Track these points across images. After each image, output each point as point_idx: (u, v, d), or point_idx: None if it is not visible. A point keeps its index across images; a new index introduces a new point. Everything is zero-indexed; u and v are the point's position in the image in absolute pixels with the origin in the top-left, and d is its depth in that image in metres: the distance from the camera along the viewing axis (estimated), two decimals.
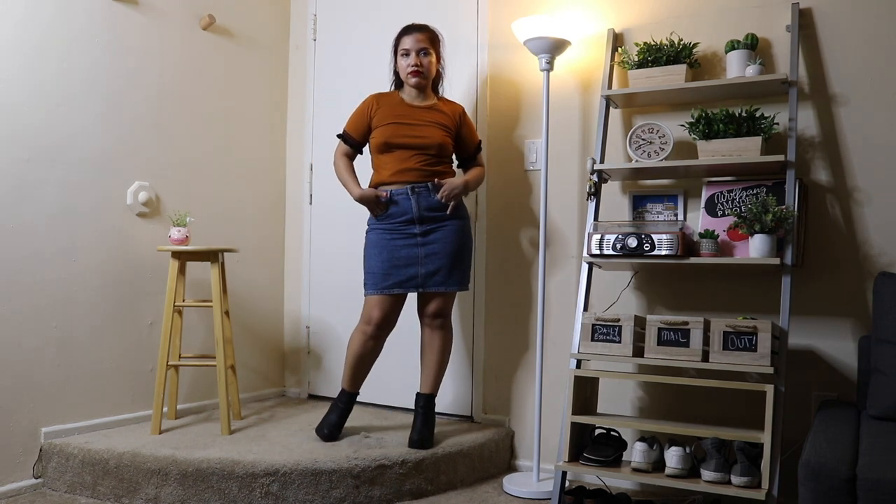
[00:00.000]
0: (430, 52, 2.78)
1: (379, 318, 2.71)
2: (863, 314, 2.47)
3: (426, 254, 2.70)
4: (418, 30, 2.79)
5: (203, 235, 3.26)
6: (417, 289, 2.71)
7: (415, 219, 2.70)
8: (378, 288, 2.70)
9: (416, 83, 2.76)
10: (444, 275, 2.72)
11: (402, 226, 2.71)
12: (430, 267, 2.70)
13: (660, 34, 2.80)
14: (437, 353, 2.79)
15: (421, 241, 2.70)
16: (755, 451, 2.21)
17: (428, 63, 2.77)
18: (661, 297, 2.79)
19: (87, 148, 2.84)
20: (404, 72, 2.77)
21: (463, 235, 2.76)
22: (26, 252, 2.64)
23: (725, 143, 2.45)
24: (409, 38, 2.77)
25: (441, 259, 2.71)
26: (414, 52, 2.75)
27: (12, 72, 2.60)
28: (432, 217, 2.71)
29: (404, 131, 2.72)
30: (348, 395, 2.80)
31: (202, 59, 3.30)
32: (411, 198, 2.69)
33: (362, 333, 2.74)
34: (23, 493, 2.58)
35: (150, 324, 3.06)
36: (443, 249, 2.71)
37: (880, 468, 1.64)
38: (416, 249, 2.70)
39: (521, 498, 2.66)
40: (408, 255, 2.70)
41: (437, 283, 2.71)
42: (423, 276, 2.70)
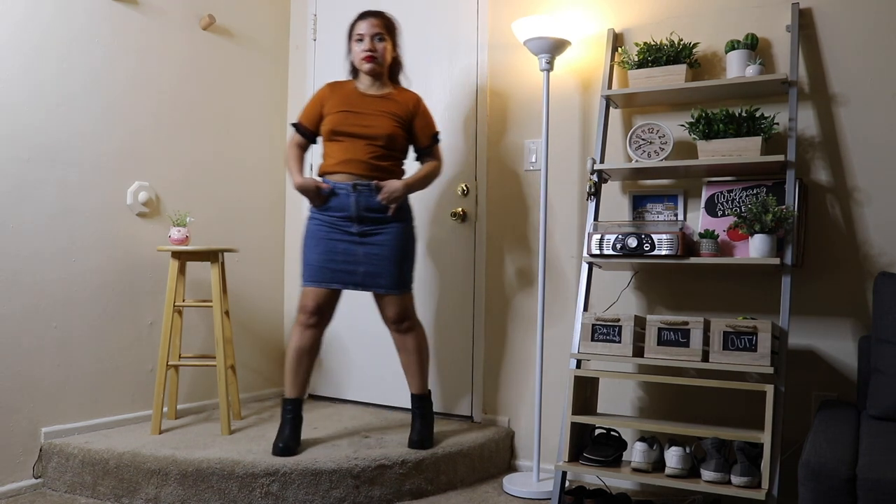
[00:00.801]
0: (386, 39, 2.69)
1: (312, 307, 2.64)
2: (863, 314, 2.47)
3: (365, 253, 2.63)
4: (373, 15, 2.70)
5: (203, 235, 3.27)
6: (356, 287, 2.64)
7: (353, 217, 2.62)
8: (314, 280, 2.64)
9: (371, 69, 2.67)
10: (390, 278, 2.64)
11: (340, 221, 2.63)
12: (372, 268, 2.63)
13: (660, 34, 2.80)
14: (413, 354, 2.74)
15: (359, 240, 2.63)
16: (755, 451, 2.21)
17: (383, 49, 2.68)
18: (661, 297, 2.79)
19: (87, 148, 2.84)
20: (358, 57, 2.68)
21: (406, 238, 2.69)
22: (26, 252, 2.64)
23: (725, 143, 2.45)
24: (364, 23, 2.68)
25: (384, 262, 2.63)
26: (368, 36, 2.66)
27: (12, 72, 2.60)
28: (372, 218, 2.63)
29: (353, 120, 2.64)
30: (294, 402, 2.68)
31: (202, 59, 3.30)
32: (352, 195, 2.62)
33: (299, 325, 2.67)
34: (23, 493, 2.58)
35: (150, 324, 3.06)
36: (385, 253, 2.63)
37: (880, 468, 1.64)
38: (354, 247, 2.63)
39: (521, 498, 2.66)
40: (345, 251, 2.63)
41: (381, 285, 2.64)
42: (362, 275, 2.63)
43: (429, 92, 3.33)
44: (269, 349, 3.64)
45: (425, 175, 2.75)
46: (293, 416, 2.66)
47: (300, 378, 2.69)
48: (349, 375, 3.53)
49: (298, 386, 2.70)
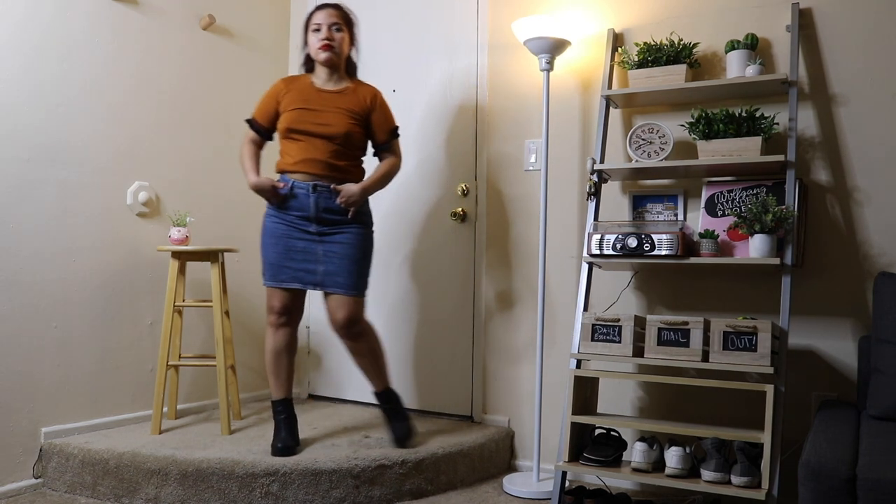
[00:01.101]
0: (343, 30, 2.65)
1: (279, 307, 2.63)
2: (863, 314, 2.47)
3: (325, 251, 2.59)
4: (332, 6, 2.66)
5: (203, 235, 3.27)
6: (315, 286, 2.60)
7: (311, 217, 2.58)
8: (275, 280, 2.62)
9: (327, 59, 2.61)
10: (348, 277, 2.59)
11: (298, 220, 2.59)
12: (331, 267, 2.58)
13: (660, 34, 2.80)
14: (367, 356, 2.70)
15: (318, 239, 2.60)
16: (755, 451, 2.21)
17: (340, 39, 2.63)
18: (661, 297, 2.79)
19: (88, 148, 2.84)
20: (314, 48, 2.62)
21: (365, 242, 2.65)
22: (26, 252, 2.64)
23: (725, 143, 2.45)
24: (321, 14, 2.63)
25: (344, 261, 2.59)
26: (325, 26, 2.61)
27: (12, 72, 2.60)
28: (331, 220, 2.59)
29: (309, 117, 2.58)
30: (283, 402, 2.68)
31: (202, 59, 3.30)
32: (311, 196, 2.57)
33: (270, 325, 2.66)
34: (23, 493, 2.58)
35: (150, 324, 3.06)
36: (344, 252, 2.59)
37: (880, 468, 1.64)
38: (313, 245, 2.60)
39: (521, 498, 2.66)
40: (305, 248, 2.59)
41: (340, 284, 2.58)
42: (322, 274, 2.59)
43: (428, 92, 3.34)
44: None
45: (382, 175, 2.69)
46: (286, 417, 2.66)
47: (283, 378, 2.69)
48: (349, 375, 3.53)
49: (282, 386, 2.70)
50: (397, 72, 3.43)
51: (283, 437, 2.59)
